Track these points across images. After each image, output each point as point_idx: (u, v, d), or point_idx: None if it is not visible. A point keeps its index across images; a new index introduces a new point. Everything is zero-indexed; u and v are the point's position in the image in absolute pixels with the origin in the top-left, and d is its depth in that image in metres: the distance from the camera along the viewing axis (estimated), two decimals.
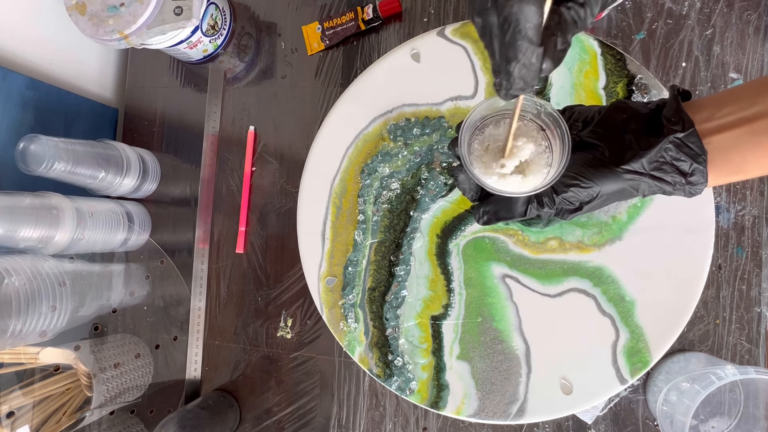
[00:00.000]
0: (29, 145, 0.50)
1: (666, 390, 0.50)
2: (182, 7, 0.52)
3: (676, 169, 0.33)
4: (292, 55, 0.64)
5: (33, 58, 0.59)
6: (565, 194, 0.35)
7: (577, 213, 0.35)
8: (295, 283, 0.62)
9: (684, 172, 0.32)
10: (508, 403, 0.50)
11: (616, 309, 0.50)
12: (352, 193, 0.55)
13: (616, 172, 0.33)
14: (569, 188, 0.34)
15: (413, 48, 0.55)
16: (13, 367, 0.53)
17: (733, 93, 0.33)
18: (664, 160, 0.32)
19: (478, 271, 0.53)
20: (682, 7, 0.57)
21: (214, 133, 0.65)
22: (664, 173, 0.33)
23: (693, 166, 0.32)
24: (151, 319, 0.63)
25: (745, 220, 0.55)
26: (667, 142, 0.32)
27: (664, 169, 0.33)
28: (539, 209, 0.36)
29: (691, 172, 0.32)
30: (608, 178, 0.34)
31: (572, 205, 0.35)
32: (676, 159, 0.32)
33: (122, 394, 0.58)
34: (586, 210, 0.36)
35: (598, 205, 0.35)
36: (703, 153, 0.32)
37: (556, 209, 0.36)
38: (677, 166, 0.33)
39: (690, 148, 0.32)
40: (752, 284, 0.54)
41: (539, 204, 0.35)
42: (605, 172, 0.34)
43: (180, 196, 0.65)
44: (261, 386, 0.61)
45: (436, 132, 0.54)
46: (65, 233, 0.52)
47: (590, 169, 0.34)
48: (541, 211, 0.36)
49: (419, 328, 0.53)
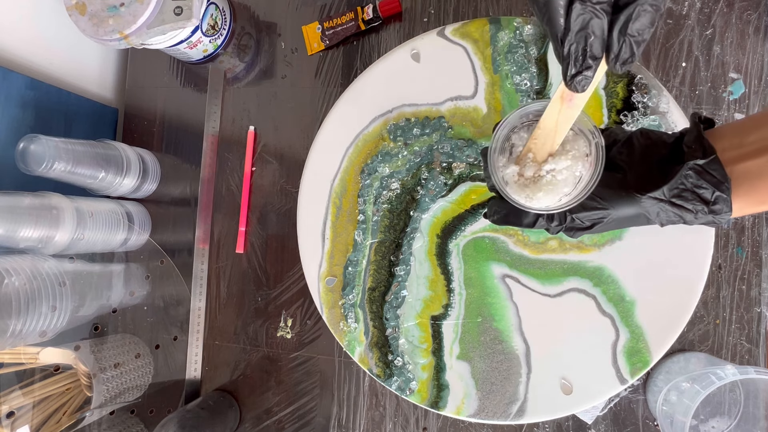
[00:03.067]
0: (29, 145, 0.50)
1: (666, 390, 0.50)
2: (182, 7, 0.52)
3: (698, 197, 0.31)
4: (292, 55, 0.64)
5: (33, 58, 0.59)
6: (579, 214, 0.34)
7: (586, 232, 0.35)
8: (295, 283, 0.62)
9: (706, 200, 0.31)
10: (508, 403, 0.50)
11: (616, 309, 0.50)
12: (352, 193, 0.55)
13: (635, 197, 0.32)
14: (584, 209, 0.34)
15: (413, 48, 0.55)
16: (13, 367, 0.53)
17: (756, 120, 0.32)
18: (684, 187, 0.31)
19: (478, 271, 0.53)
20: (682, 7, 0.57)
21: (214, 133, 0.65)
22: (684, 201, 0.32)
23: (716, 194, 0.31)
24: (151, 319, 0.63)
25: (745, 220, 0.55)
26: (687, 169, 0.31)
27: (685, 197, 0.31)
28: (548, 223, 0.35)
29: (713, 201, 0.31)
30: (625, 202, 0.33)
31: (582, 224, 0.34)
32: (697, 186, 0.31)
33: (122, 394, 0.58)
34: (596, 231, 0.35)
35: (611, 227, 0.34)
36: (726, 181, 0.31)
37: (565, 227, 0.35)
38: (699, 194, 0.31)
39: (712, 175, 0.31)
40: (752, 284, 0.54)
41: (549, 219, 0.35)
42: (623, 196, 0.33)
43: (180, 196, 0.65)
44: (261, 386, 0.61)
45: (436, 132, 0.54)
46: (65, 233, 0.52)
47: (608, 191, 0.33)
48: (550, 226, 0.35)
49: (419, 328, 0.53)
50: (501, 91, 0.53)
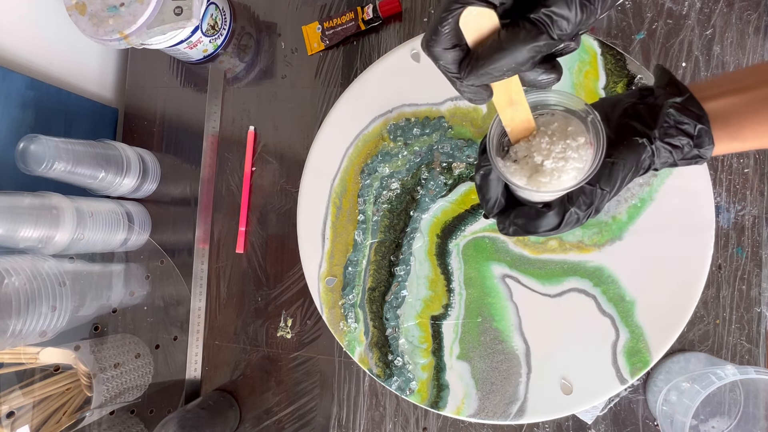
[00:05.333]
0: (29, 145, 0.50)
1: (666, 390, 0.50)
2: (182, 7, 0.52)
3: (682, 132, 0.33)
4: (292, 55, 0.64)
5: (33, 58, 0.59)
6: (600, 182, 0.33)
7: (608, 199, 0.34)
8: (295, 283, 0.62)
9: (690, 134, 0.33)
10: (508, 403, 0.50)
11: (616, 309, 0.50)
12: (352, 193, 0.55)
13: (635, 142, 0.34)
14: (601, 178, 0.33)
15: (413, 48, 0.55)
16: (13, 367, 0.53)
17: (724, 74, 0.34)
18: (669, 124, 0.33)
19: (478, 271, 0.53)
20: (682, 7, 0.57)
21: (214, 133, 0.65)
22: (671, 137, 0.33)
23: (698, 127, 0.33)
24: (151, 319, 0.63)
25: (745, 220, 0.55)
26: (667, 107, 0.33)
27: (671, 133, 0.33)
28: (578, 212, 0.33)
29: (697, 134, 0.33)
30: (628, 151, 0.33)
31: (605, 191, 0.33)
32: (679, 122, 0.33)
33: (122, 394, 0.58)
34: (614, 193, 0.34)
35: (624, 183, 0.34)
36: (704, 113, 0.33)
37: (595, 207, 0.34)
38: (682, 129, 0.33)
39: (691, 111, 0.33)
40: (752, 284, 0.54)
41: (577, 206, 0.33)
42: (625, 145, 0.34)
43: (180, 196, 0.65)
44: (261, 386, 0.61)
45: (436, 132, 0.54)
46: (65, 233, 0.52)
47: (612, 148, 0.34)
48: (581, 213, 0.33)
49: (419, 328, 0.53)
50: None
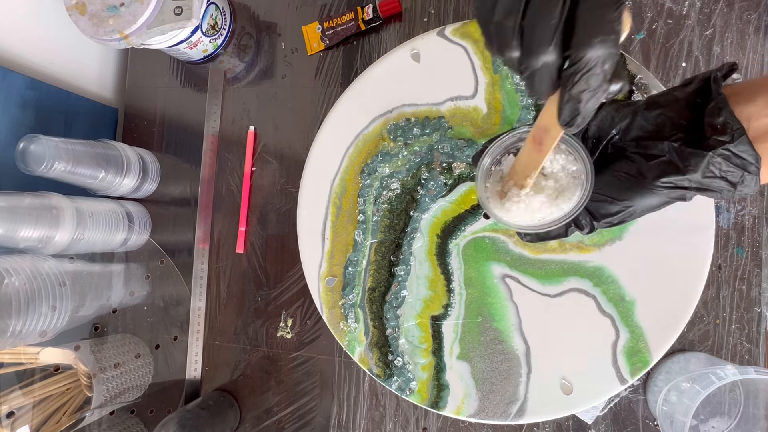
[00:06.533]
0: (29, 145, 0.50)
1: (666, 390, 0.50)
2: (182, 7, 0.52)
3: (725, 180, 0.29)
4: (292, 55, 0.64)
5: (33, 58, 0.59)
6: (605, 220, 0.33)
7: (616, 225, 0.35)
8: (295, 283, 0.62)
9: (734, 182, 0.29)
10: (508, 403, 0.50)
11: (616, 309, 0.50)
12: (352, 193, 0.55)
13: (655, 188, 0.30)
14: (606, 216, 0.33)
15: (413, 48, 0.55)
16: (13, 367, 0.53)
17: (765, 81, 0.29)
18: (712, 175, 0.29)
19: (478, 271, 0.53)
20: (682, 7, 0.57)
21: (214, 133, 0.65)
22: (710, 185, 0.29)
23: (743, 176, 0.29)
24: (151, 319, 0.63)
25: (745, 220, 0.55)
26: (715, 156, 0.28)
27: (711, 184, 0.29)
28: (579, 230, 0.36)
29: (741, 181, 0.29)
30: (645, 196, 0.31)
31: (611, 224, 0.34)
32: (724, 171, 0.29)
33: (122, 394, 0.58)
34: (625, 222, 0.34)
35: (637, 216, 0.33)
36: (756, 162, 0.28)
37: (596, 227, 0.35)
38: (726, 178, 0.29)
39: (741, 158, 0.28)
40: (752, 284, 0.54)
41: (578, 227, 0.35)
42: (643, 192, 0.31)
43: (180, 196, 0.65)
44: (261, 386, 0.61)
45: (436, 132, 0.54)
46: (65, 233, 0.52)
47: (627, 192, 0.31)
48: (583, 233, 0.36)
49: (419, 328, 0.53)
50: (501, 90, 0.53)
